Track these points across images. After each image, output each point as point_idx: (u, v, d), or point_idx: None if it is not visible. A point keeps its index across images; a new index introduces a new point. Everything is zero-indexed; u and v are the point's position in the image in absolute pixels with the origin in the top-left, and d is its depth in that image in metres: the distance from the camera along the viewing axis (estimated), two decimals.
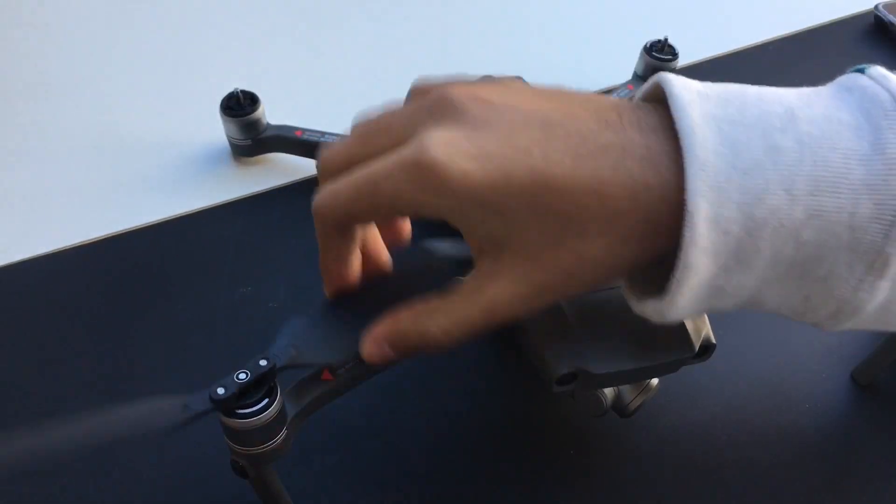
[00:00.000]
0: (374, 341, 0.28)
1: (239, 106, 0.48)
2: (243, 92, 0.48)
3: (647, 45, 0.53)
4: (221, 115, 0.48)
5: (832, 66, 0.60)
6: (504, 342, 0.40)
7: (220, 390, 0.26)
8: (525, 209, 0.25)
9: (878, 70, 0.26)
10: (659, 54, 0.53)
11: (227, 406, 0.26)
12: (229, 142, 0.50)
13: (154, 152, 0.51)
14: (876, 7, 0.63)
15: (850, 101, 0.25)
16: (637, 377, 0.32)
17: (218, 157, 0.51)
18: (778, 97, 0.26)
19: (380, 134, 0.28)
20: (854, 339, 0.41)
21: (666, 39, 0.53)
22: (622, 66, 0.56)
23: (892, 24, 0.61)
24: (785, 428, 0.38)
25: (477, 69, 0.50)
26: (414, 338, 0.28)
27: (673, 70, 0.53)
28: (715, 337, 0.33)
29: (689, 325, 0.32)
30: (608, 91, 0.52)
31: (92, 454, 0.30)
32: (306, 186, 0.49)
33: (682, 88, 0.25)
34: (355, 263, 0.31)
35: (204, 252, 0.45)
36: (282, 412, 0.28)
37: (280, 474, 0.30)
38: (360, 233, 0.30)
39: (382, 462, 0.36)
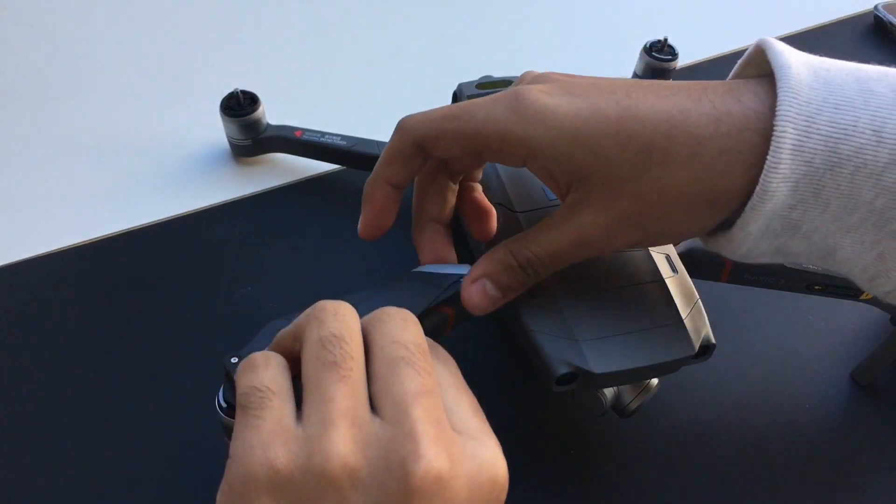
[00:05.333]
0: (474, 282, 0.29)
1: (239, 106, 0.48)
2: (243, 92, 0.48)
3: (647, 45, 0.53)
4: (221, 115, 0.48)
5: None
6: (504, 342, 0.40)
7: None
8: (611, 139, 0.26)
9: None
10: (659, 54, 0.53)
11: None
12: (229, 142, 0.50)
13: (154, 152, 0.51)
14: (876, 7, 0.63)
15: None
16: (637, 377, 0.32)
17: (218, 157, 0.51)
18: (874, 66, 0.26)
19: (467, 119, 0.29)
20: (854, 339, 0.41)
21: (666, 39, 0.53)
22: (622, 66, 0.56)
23: (892, 24, 0.61)
24: (785, 428, 0.38)
25: (477, 69, 0.50)
26: (514, 269, 0.29)
27: (672, 70, 0.53)
28: (715, 337, 0.33)
29: (689, 325, 0.32)
30: None
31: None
32: (306, 186, 0.49)
33: (778, 43, 0.26)
34: (448, 199, 0.32)
35: (204, 252, 0.45)
36: None
37: None
38: (446, 174, 0.32)
39: None
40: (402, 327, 0.24)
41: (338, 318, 0.23)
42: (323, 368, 0.22)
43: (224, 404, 0.28)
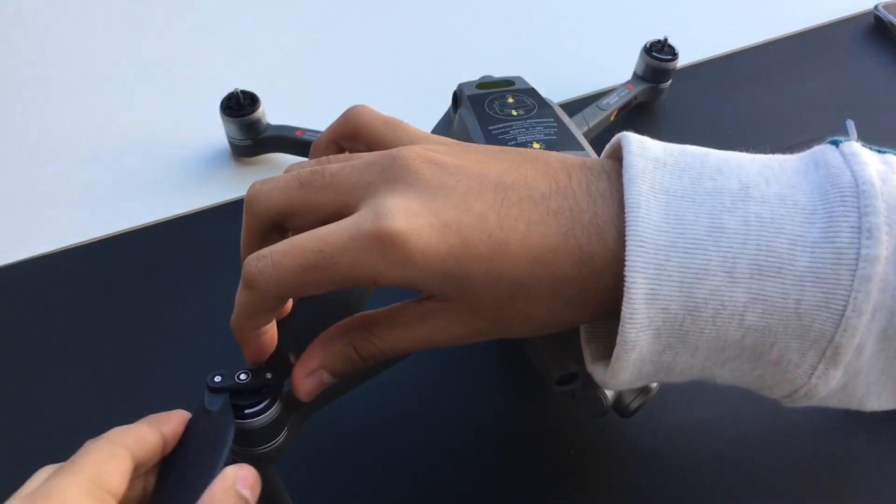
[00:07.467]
0: (310, 374, 0.27)
1: (239, 106, 0.48)
2: (243, 92, 0.48)
3: (647, 45, 0.53)
4: (221, 116, 0.48)
5: (832, 66, 0.60)
6: (504, 342, 0.40)
7: (217, 378, 0.27)
8: (481, 278, 0.25)
9: (851, 147, 0.25)
10: (659, 54, 0.53)
11: (215, 390, 0.27)
12: (229, 142, 0.50)
13: (154, 152, 0.51)
14: (876, 7, 0.63)
15: (812, 180, 0.25)
16: None
17: (218, 157, 0.51)
18: (738, 170, 0.25)
19: (325, 188, 0.26)
20: None
21: (666, 39, 0.53)
22: (622, 66, 0.56)
23: (892, 24, 0.61)
24: (785, 428, 0.38)
25: (477, 69, 0.50)
26: (356, 362, 0.27)
27: (672, 70, 0.53)
28: None
29: None
30: (608, 91, 0.52)
31: None
32: None
33: (638, 155, 0.25)
34: (273, 332, 0.29)
35: (204, 252, 0.45)
36: (283, 413, 0.28)
37: (280, 474, 0.30)
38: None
39: (382, 462, 0.36)
40: None
41: None
42: None
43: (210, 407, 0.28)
